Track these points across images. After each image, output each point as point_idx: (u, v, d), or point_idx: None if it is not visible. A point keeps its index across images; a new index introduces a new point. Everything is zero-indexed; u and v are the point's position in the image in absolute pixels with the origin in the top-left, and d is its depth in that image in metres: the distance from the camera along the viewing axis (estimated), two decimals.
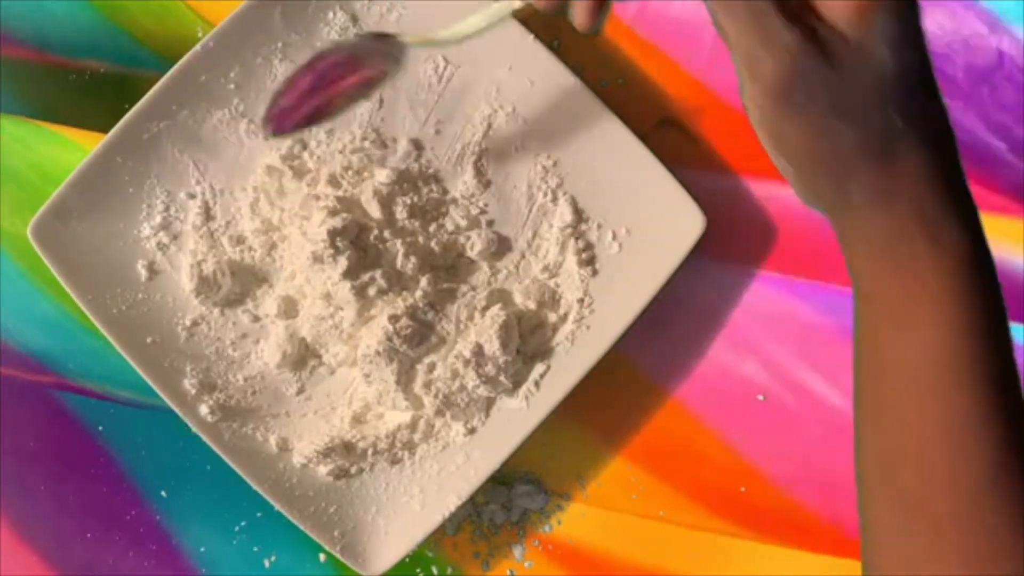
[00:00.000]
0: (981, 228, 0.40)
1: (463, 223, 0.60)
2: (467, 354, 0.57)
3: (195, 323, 0.60)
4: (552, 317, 0.60)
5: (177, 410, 0.58)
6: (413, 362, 0.58)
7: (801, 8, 0.37)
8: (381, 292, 0.57)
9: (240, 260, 0.60)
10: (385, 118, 0.61)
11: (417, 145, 0.61)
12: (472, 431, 0.59)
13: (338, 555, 0.58)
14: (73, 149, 0.64)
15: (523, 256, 0.61)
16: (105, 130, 0.59)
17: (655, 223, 0.59)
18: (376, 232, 0.58)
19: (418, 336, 0.57)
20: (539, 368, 0.59)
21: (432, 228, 0.60)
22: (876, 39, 0.36)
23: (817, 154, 0.38)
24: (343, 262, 0.56)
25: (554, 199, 0.60)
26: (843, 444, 0.61)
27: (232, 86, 0.60)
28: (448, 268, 0.60)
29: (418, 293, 0.58)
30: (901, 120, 0.37)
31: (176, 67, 0.59)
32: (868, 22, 0.36)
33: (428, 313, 0.58)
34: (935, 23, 0.62)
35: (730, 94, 0.63)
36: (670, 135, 0.62)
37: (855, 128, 0.37)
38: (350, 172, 0.59)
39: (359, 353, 0.57)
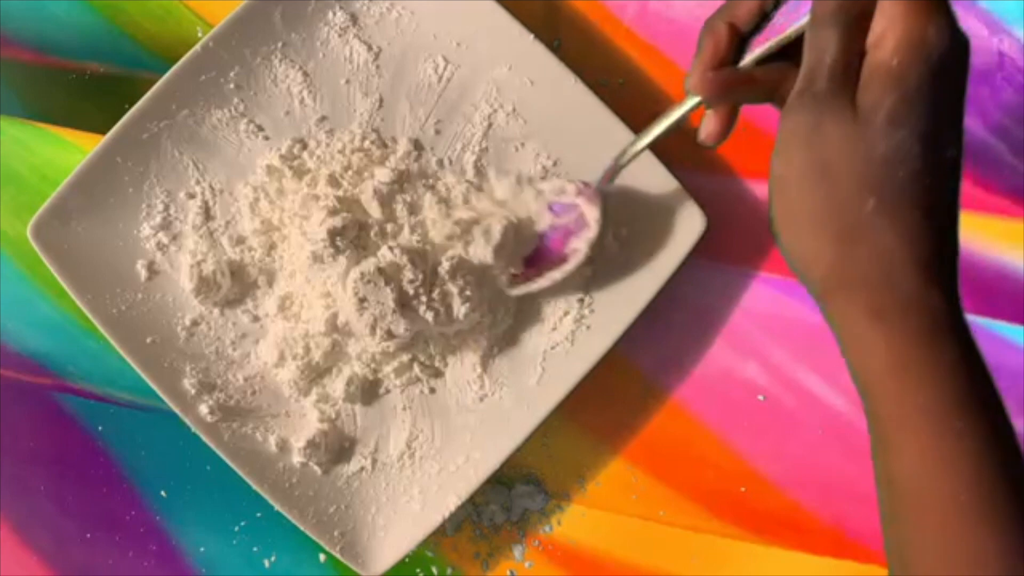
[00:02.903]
0: (961, 311, 0.37)
1: None
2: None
3: (195, 323, 0.60)
4: (552, 317, 0.60)
5: (177, 410, 0.58)
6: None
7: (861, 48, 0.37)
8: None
9: (240, 260, 0.60)
10: (385, 118, 0.61)
11: (417, 145, 0.61)
12: (481, 399, 0.60)
13: (338, 555, 0.58)
14: (73, 151, 0.64)
15: None
16: (105, 132, 0.59)
17: (655, 223, 0.59)
18: (376, 230, 0.58)
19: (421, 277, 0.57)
20: (539, 368, 0.59)
21: None
22: (881, 117, 0.36)
23: (793, 196, 0.38)
24: (343, 261, 0.56)
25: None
26: (842, 445, 0.62)
27: (232, 86, 0.60)
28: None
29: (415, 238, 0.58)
30: (875, 201, 0.36)
31: (176, 67, 0.59)
32: (884, 86, 0.36)
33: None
34: None
35: None
36: (670, 136, 0.62)
37: (822, 197, 0.37)
38: (350, 172, 0.59)
39: (353, 274, 0.56)
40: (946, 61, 0.36)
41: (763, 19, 0.42)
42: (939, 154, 0.36)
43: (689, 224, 0.59)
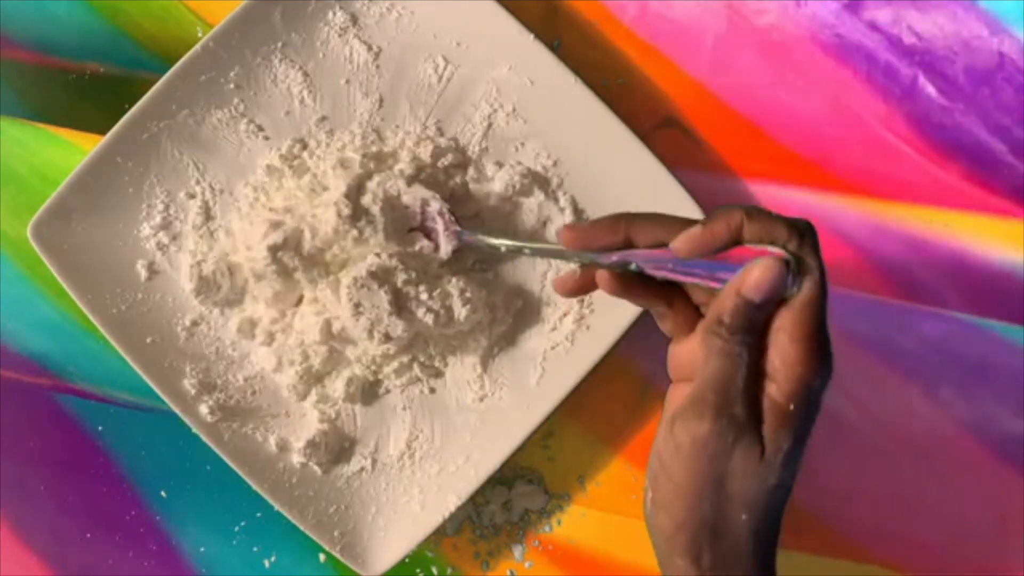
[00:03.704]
0: None
1: None
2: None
3: (195, 323, 0.60)
4: (552, 317, 0.60)
5: (177, 410, 0.58)
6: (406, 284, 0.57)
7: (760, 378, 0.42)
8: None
9: (240, 260, 0.60)
10: (385, 118, 0.61)
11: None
12: (481, 399, 0.60)
13: (338, 555, 0.58)
14: (73, 151, 0.64)
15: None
16: (105, 132, 0.59)
17: None
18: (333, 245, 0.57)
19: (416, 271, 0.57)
20: (539, 368, 0.59)
21: None
22: (780, 459, 0.41)
23: (676, 489, 0.42)
24: (297, 279, 0.56)
25: (555, 199, 0.60)
26: (841, 446, 0.62)
27: (232, 86, 0.60)
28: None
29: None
30: (747, 516, 0.42)
31: (176, 67, 0.59)
32: (783, 432, 0.41)
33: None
34: (936, 25, 0.62)
35: (730, 95, 0.63)
36: (670, 135, 0.62)
37: (709, 504, 0.42)
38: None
39: (346, 282, 0.56)
40: (821, 399, 0.42)
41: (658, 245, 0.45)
42: (794, 478, 0.43)
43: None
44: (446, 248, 0.57)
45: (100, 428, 0.63)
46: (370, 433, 0.60)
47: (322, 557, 0.62)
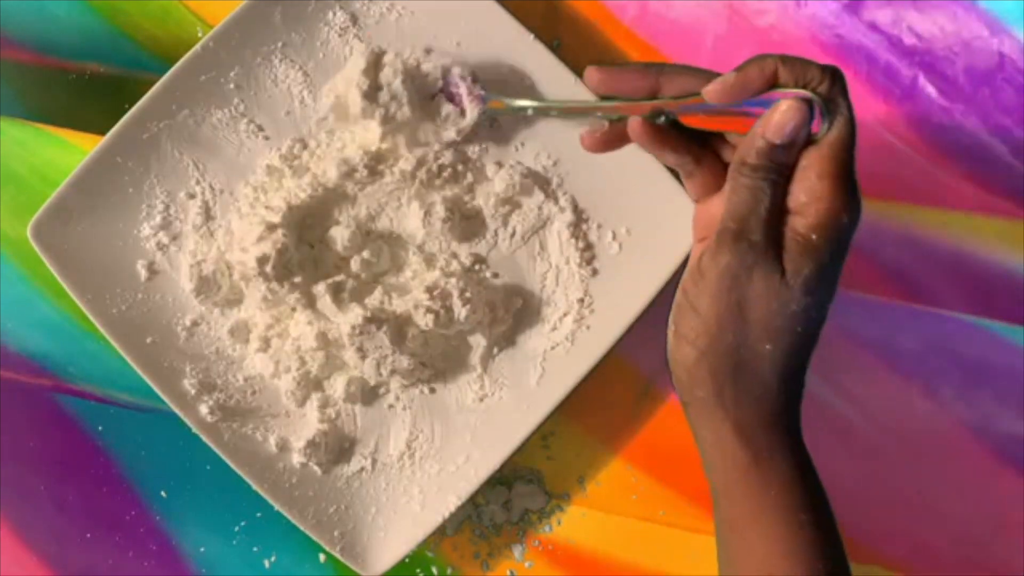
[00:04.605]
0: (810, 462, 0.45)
1: None
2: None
3: (195, 323, 0.60)
4: (552, 317, 0.60)
5: (177, 410, 0.58)
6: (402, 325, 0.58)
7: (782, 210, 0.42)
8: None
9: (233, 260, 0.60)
10: None
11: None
12: (481, 399, 0.60)
13: (338, 555, 0.58)
14: (73, 152, 0.64)
15: None
16: (105, 132, 0.59)
17: (655, 223, 0.59)
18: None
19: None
20: (539, 368, 0.59)
21: None
22: (799, 282, 0.41)
23: (708, 319, 0.43)
24: (289, 289, 0.57)
25: (555, 199, 0.60)
26: (841, 446, 0.62)
27: (232, 86, 0.60)
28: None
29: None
30: (771, 347, 0.42)
31: (176, 67, 0.59)
32: (803, 258, 0.42)
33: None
34: (936, 25, 0.62)
35: None
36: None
37: (731, 332, 0.42)
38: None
39: (347, 329, 0.57)
40: (850, 237, 0.42)
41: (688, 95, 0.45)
42: (822, 316, 0.43)
43: (689, 224, 0.58)
44: (472, 112, 0.57)
45: (100, 428, 0.63)
46: (370, 433, 0.60)
47: (322, 557, 0.62)
